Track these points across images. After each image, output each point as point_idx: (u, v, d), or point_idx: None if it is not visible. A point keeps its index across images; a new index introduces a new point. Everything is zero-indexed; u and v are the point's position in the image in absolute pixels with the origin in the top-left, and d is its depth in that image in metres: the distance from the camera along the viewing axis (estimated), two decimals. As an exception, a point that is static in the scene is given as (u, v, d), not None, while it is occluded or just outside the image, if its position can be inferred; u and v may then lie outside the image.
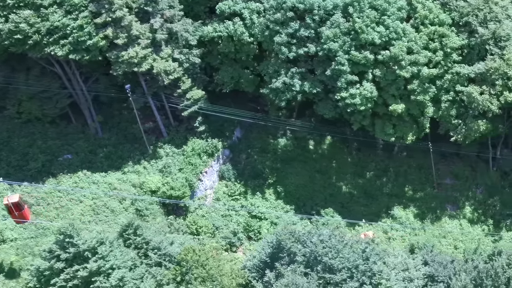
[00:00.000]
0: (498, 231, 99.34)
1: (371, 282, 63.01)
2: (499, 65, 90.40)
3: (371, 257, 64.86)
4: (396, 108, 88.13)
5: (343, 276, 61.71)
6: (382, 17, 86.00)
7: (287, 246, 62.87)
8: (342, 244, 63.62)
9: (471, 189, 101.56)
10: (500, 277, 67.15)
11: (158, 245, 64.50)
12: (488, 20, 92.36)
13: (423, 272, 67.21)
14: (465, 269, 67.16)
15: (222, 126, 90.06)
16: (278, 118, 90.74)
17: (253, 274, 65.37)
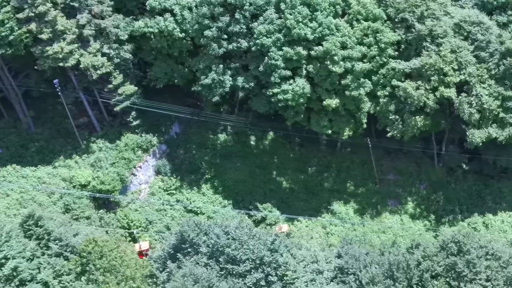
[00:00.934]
0: (440, 226, 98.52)
1: (276, 274, 62.48)
2: (435, 61, 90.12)
3: (280, 249, 64.33)
4: (330, 103, 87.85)
5: (247, 267, 61.24)
6: (314, 13, 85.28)
7: (190, 237, 62.45)
8: (248, 236, 63.13)
9: (415, 185, 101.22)
10: (412, 269, 66.58)
11: (60, 236, 64.15)
12: (425, 17, 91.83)
13: (334, 264, 66.60)
14: (378, 262, 66.47)
15: (158, 121, 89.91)
16: (214, 114, 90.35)
17: (157, 265, 64.96)
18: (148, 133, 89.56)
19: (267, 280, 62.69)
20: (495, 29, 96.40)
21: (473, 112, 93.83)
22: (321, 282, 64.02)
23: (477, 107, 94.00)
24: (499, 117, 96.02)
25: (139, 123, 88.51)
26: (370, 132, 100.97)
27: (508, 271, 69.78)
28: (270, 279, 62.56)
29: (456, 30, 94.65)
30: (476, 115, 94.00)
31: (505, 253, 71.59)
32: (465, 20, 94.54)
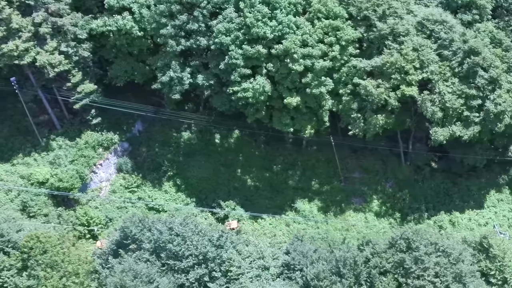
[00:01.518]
0: (406, 224, 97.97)
1: (220, 269, 62.32)
2: (396, 60, 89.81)
3: (225, 246, 64.16)
4: (290, 101, 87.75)
5: (190, 263, 61.08)
6: (274, 11, 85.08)
7: (132, 233, 62.31)
8: (193, 232, 62.96)
9: (381, 183, 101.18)
10: (359, 266, 66.48)
11: (1, 232, 64.05)
12: (387, 15, 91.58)
13: (281, 261, 66.43)
14: (326, 258, 66.31)
15: (119, 119, 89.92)
16: (176, 112, 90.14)
17: (100, 261, 64.83)
18: (110, 131, 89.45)
19: (211, 275, 62.45)
20: (459, 28, 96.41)
21: (436, 110, 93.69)
22: (267, 278, 63.80)
23: (440, 105, 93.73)
24: (464, 115, 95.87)
25: (100, 121, 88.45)
26: (337, 130, 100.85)
27: (457, 267, 69.57)
28: (214, 275, 62.30)
29: (419, 28, 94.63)
30: (439, 113, 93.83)
31: (455, 250, 71.40)
32: (428, 18, 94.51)
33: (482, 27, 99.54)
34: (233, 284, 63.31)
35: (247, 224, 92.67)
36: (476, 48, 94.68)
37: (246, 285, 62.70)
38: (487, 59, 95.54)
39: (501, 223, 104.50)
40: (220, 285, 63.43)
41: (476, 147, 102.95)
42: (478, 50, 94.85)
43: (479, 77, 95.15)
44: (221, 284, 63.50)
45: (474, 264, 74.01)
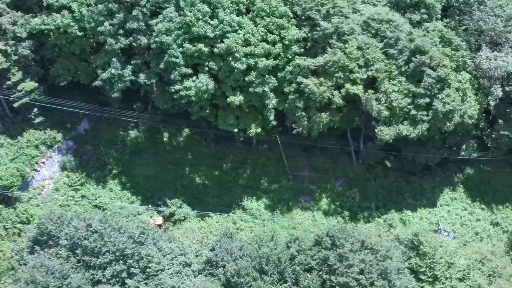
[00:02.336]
0: (355, 222, 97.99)
1: (139, 266, 62.28)
2: (339, 58, 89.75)
3: (146, 242, 64.16)
4: (233, 99, 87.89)
5: (106, 259, 61.04)
6: (215, 10, 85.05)
7: (47, 230, 62.33)
8: (112, 229, 62.95)
9: (330, 181, 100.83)
10: (282, 262, 66.39)
11: None
12: (332, 15, 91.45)
13: (205, 257, 66.41)
14: (251, 255, 66.27)
15: (63, 118, 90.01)
16: (120, 111, 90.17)
17: (17, 258, 64.87)
18: (53, 130, 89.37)
19: (129, 272, 62.43)
20: (406, 27, 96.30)
21: (382, 109, 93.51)
22: (188, 275, 63.71)
23: (386, 104, 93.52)
24: (411, 114, 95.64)
25: (43, 120, 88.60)
26: (287, 129, 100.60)
27: (383, 264, 69.45)
28: (132, 271, 62.28)
29: (365, 27, 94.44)
30: (385, 112, 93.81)
31: (383, 247, 71.28)
32: (373, 17, 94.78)
33: (431, 26, 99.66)
34: (152, 280, 63.31)
35: (194, 222, 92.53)
36: (422, 47, 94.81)
37: (164, 281, 62.67)
38: (435, 58, 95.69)
39: (454, 221, 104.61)
40: (138, 281, 63.44)
41: (427, 146, 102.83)
42: (425, 49, 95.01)
43: (427, 76, 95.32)
44: (139, 280, 63.50)
45: (404, 261, 73.67)
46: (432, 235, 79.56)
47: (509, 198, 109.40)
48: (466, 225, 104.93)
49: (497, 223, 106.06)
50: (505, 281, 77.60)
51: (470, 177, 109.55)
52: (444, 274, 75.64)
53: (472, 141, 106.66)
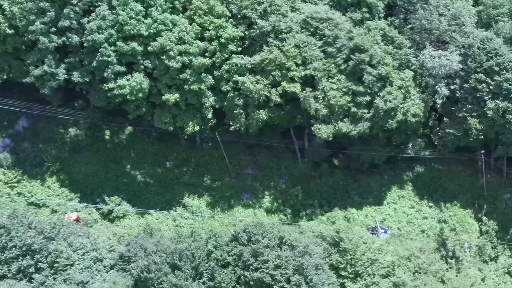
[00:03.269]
0: (297, 220, 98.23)
1: (47, 261, 62.69)
2: (276, 57, 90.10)
3: (57, 237, 64.59)
4: (169, 97, 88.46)
5: (12, 254, 61.47)
6: (149, 9, 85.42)
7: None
8: (20, 224, 63.38)
9: (274, 179, 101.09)
10: (196, 258, 66.81)
11: None
12: (269, 13, 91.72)
13: (118, 252, 66.87)
14: (165, 251, 66.68)
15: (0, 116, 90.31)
16: (54, 108, 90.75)
17: None
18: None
19: (37, 267, 62.81)
20: (346, 25, 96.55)
21: (320, 107, 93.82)
22: (100, 270, 64.11)
23: (325, 102, 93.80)
24: (351, 112, 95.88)
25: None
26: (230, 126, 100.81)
27: (299, 260, 69.76)
28: (40, 266, 62.69)
29: (304, 26, 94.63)
30: (323, 110, 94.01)
31: (301, 243, 71.61)
32: (312, 16, 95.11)
33: (373, 24, 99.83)
34: (60, 275, 63.77)
35: (133, 219, 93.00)
36: (361, 45, 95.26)
37: (73, 276, 63.13)
38: (376, 56, 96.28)
39: (400, 219, 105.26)
40: (46, 276, 63.90)
41: (372, 144, 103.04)
42: (365, 47, 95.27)
43: (367, 74, 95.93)
44: (47, 275, 63.98)
45: (325, 257, 73.98)
46: (355, 231, 79.58)
47: (458, 196, 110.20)
48: (412, 223, 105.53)
49: (444, 221, 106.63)
50: (431, 277, 77.89)
51: (420, 175, 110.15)
52: (367, 270, 76.08)
53: (420, 139, 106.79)
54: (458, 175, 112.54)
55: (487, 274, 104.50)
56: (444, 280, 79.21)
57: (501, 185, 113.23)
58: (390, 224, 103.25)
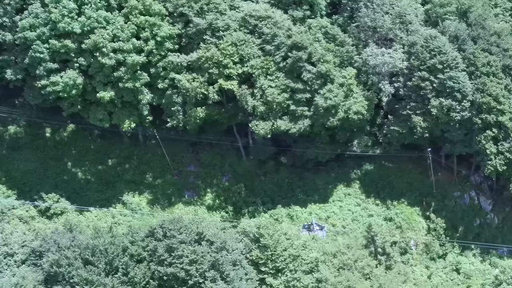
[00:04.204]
0: (239, 217, 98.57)
1: None
2: (212, 54, 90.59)
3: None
4: (103, 95, 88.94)
5: None
6: (82, 6, 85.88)
7: None
8: None
9: (217, 177, 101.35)
10: (109, 253, 67.23)
11: None
12: (206, 11, 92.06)
13: (30, 247, 67.33)
14: (79, 246, 67.11)
15: None
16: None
17: None
18: None
19: None
20: (286, 23, 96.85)
21: (258, 104, 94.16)
22: (10, 264, 64.53)
23: (262, 99, 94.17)
24: (290, 109, 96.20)
25: None
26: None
27: (215, 255, 70.11)
28: None
29: (242, 24, 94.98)
30: (261, 107, 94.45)
31: (219, 239, 71.94)
32: (251, 14, 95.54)
33: (314, 22, 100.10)
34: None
35: (72, 216, 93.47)
36: (300, 43, 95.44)
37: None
38: (316, 54, 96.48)
39: (345, 217, 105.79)
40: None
41: (316, 142, 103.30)
42: (303, 45, 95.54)
43: (306, 71, 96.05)
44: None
45: (247, 253, 74.33)
46: (277, 228, 79.86)
47: (406, 194, 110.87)
48: (357, 220, 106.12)
49: (390, 219, 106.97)
50: (356, 272, 78.11)
51: (368, 173, 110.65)
52: (288, 266, 76.27)
53: (366, 137, 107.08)
54: (408, 173, 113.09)
55: (434, 271, 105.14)
56: (370, 277, 79.31)
57: (451, 183, 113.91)
58: (334, 222, 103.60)
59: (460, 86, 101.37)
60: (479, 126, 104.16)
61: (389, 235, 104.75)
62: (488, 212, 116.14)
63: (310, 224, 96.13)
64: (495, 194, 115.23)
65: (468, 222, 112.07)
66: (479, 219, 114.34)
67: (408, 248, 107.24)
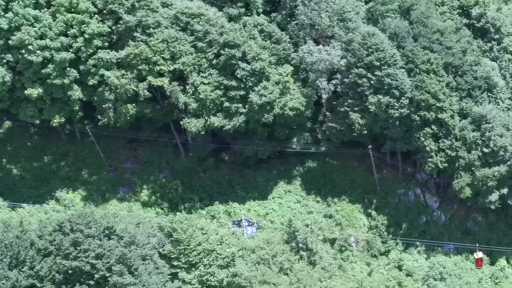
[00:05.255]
0: (175, 213, 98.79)
1: None
2: (141, 51, 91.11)
3: None
4: (31, 92, 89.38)
5: None
6: (10, 3, 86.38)
7: None
8: None
9: (154, 173, 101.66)
10: (14, 247, 67.57)
11: None
12: (138, 8, 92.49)
13: None
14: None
15: None
16: None
17: None
18: None
19: None
20: (220, 21, 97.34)
21: (190, 101, 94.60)
22: None
23: (194, 96, 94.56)
24: (224, 106, 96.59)
25: None
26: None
27: (122, 250, 70.45)
28: None
29: (174, 21, 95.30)
30: (193, 104, 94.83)
31: (128, 234, 72.30)
32: (183, 11, 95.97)
33: (250, 20, 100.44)
34: None
35: (4, 212, 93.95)
36: (232, 41, 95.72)
37: None
38: (250, 52, 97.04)
39: (284, 214, 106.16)
40: None
41: (254, 139, 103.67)
42: (236, 43, 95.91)
43: (240, 69, 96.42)
44: None
45: (160, 248, 74.71)
46: (191, 222, 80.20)
47: (348, 191, 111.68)
48: (296, 217, 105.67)
49: (330, 216, 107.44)
50: (274, 267, 78.39)
51: (311, 170, 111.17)
52: (202, 261, 76.55)
53: (307, 134, 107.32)
54: (353, 170, 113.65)
55: (375, 268, 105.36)
56: (288, 272, 79.59)
57: (396, 180, 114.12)
58: (273, 219, 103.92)
59: (398, 83, 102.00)
60: (418, 123, 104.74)
61: (328, 232, 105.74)
62: (435, 210, 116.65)
63: (239, 221, 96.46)
64: (442, 191, 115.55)
65: (412, 219, 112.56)
66: (426, 216, 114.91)
67: (347, 245, 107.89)
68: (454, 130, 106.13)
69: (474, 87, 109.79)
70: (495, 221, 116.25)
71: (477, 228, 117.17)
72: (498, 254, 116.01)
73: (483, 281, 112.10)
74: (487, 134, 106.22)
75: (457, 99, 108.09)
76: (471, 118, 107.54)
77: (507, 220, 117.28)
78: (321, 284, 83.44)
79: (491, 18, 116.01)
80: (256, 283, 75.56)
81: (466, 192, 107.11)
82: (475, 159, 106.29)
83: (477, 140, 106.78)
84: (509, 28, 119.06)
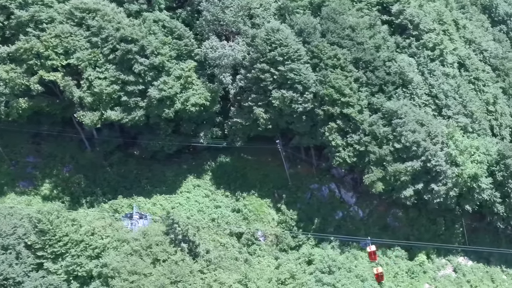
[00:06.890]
0: (77, 207, 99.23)
1: None
2: (32, 46, 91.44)
3: None
4: None
5: None
6: None
7: None
8: None
9: (57, 167, 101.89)
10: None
11: None
12: (31, 4, 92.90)
13: None
14: None
15: None
16: None
17: None
18: None
19: None
20: (118, 16, 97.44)
21: (85, 95, 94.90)
22: None
23: (90, 91, 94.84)
24: (122, 100, 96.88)
25: None
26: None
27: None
28: None
29: (69, 16, 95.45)
30: (89, 98, 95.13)
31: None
32: (78, 7, 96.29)
33: (150, 16, 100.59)
34: None
35: None
36: (129, 36, 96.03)
37: None
38: (149, 47, 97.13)
39: (191, 208, 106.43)
40: None
41: (159, 133, 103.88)
42: (133, 38, 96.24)
43: (138, 64, 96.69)
44: None
45: (26, 238, 75.11)
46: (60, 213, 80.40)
47: (258, 185, 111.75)
48: (203, 211, 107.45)
49: (238, 210, 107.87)
50: (146, 257, 78.73)
51: (222, 165, 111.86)
52: (70, 251, 76.83)
53: (216, 129, 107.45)
54: (266, 165, 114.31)
55: (283, 262, 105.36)
56: (162, 263, 79.84)
57: (309, 175, 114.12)
58: (179, 213, 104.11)
59: (302, 78, 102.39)
60: (323, 118, 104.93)
61: (235, 226, 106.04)
62: (352, 205, 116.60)
63: (131, 214, 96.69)
64: (360, 187, 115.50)
65: (325, 214, 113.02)
66: (342, 211, 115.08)
67: (254, 239, 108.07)
68: (363, 125, 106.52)
69: (386, 83, 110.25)
70: (416, 216, 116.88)
71: (397, 223, 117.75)
72: (417, 249, 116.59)
73: (398, 275, 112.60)
74: (398, 130, 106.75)
75: (366, 94, 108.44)
76: (382, 113, 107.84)
77: (428, 216, 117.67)
78: (203, 276, 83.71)
79: (409, 14, 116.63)
80: (125, 274, 75.87)
81: (378, 187, 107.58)
82: (386, 154, 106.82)
83: (388, 135, 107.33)
84: (429, 24, 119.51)
